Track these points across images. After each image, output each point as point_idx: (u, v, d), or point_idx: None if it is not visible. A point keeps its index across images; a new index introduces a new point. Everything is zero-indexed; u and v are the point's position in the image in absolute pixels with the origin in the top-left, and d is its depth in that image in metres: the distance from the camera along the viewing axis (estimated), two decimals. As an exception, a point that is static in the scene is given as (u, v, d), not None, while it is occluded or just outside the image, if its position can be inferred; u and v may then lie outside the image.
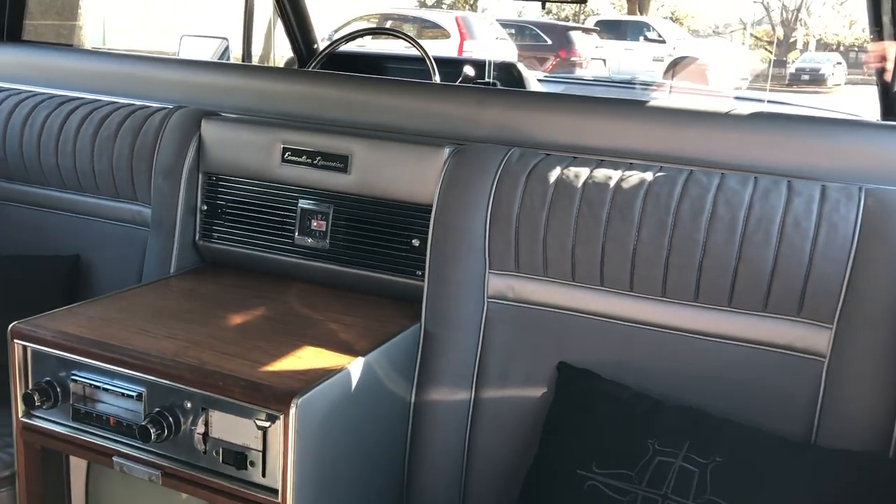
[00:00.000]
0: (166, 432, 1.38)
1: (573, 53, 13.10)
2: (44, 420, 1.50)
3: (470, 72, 2.90)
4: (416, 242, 1.69)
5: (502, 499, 1.58)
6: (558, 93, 2.71)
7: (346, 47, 3.03)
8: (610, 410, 1.44)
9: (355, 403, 1.45)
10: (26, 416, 1.51)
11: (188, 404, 1.38)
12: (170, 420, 1.38)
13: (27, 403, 1.47)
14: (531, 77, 3.37)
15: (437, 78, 2.62)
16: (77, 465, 1.57)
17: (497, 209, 1.57)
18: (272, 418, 1.31)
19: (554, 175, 1.55)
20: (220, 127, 1.88)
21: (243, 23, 3.29)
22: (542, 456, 1.49)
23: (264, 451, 1.33)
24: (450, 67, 2.85)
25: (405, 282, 1.70)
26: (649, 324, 1.51)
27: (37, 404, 1.46)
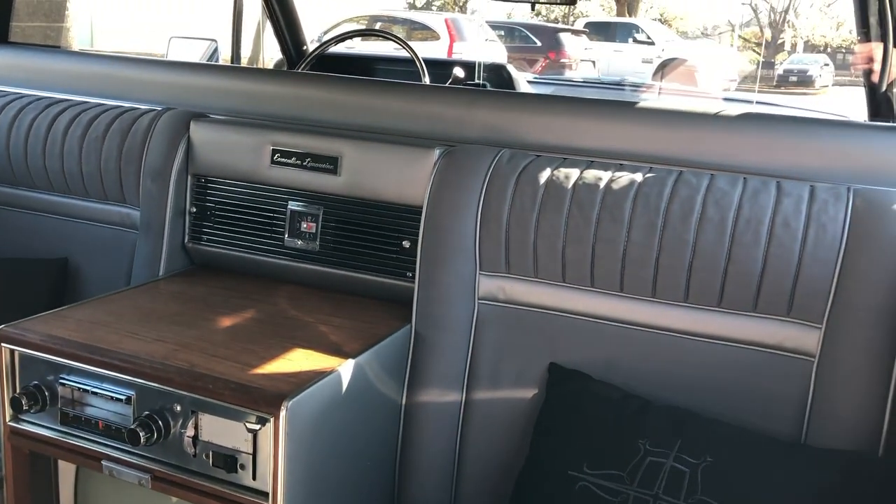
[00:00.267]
0: (156, 436, 1.37)
1: (563, 55, 13.13)
2: (32, 424, 1.49)
3: (460, 73, 2.90)
4: (406, 244, 1.68)
5: (494, 500, 1.58)
6: (548, 94, 2.71)
7: (335, 49, 3.02)
8: (601, 411, 1.44)
9: (346, 406, 1.44)
10: (14, 421, 1.50)
11: (177, 407, 1.37)
12: (159, 423, 1.37)
13: (15, 407, 1.46)
14: (521, 78, 3.36)
15: (426, 79, 2.62)
16: (66, 470, 1.56)
17: (487, 210, 1.57)
18: (262, 421, 1.31)
19: (544, 176, 1.55)
20: (209, 129, 1.87)
21: (232, 24, 3.28)
22: (533, 457, 1.49)
23: (254, 454, 1.32)
24: (439, 69, 2.84)
25: (395, 283, 1.70)
26: (640, 324, 1.51)
27: (25, 408, 1.45)
